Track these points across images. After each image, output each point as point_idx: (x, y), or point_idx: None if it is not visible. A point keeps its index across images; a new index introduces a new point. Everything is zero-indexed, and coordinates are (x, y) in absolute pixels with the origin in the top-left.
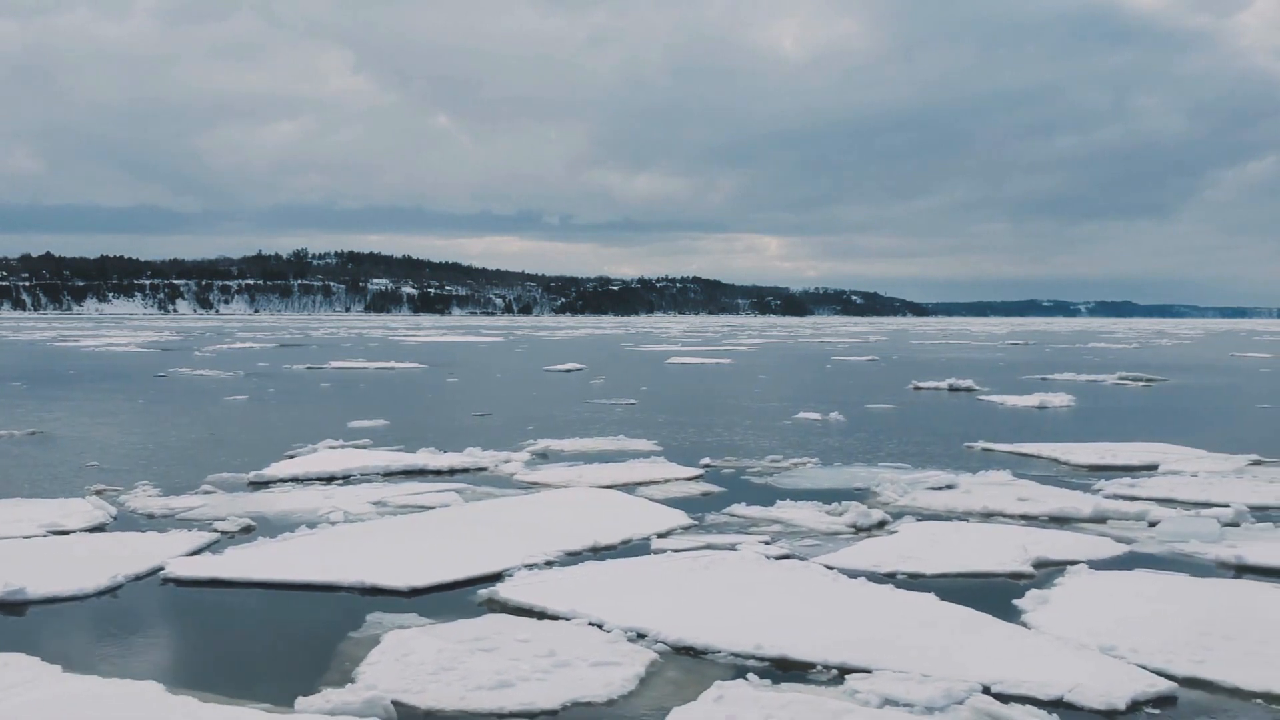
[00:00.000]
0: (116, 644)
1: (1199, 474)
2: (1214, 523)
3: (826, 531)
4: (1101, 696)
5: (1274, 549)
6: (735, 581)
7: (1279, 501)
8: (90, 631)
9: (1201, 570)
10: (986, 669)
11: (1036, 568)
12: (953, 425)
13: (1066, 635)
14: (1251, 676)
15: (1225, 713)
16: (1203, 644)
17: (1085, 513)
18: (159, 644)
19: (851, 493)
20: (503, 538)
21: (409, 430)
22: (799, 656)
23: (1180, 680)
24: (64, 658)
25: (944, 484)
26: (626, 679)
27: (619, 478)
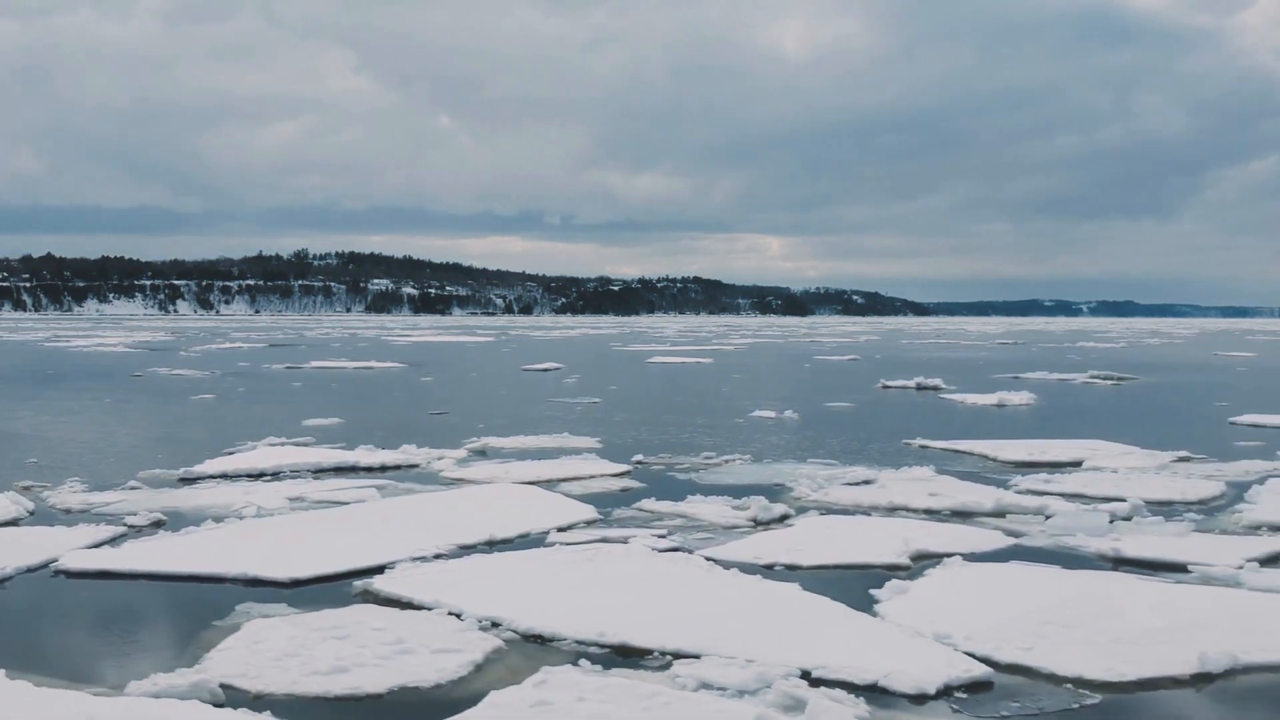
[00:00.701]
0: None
1: (1119, 470)
2: (1104, 517)
3: (726, 525)
4: (914, 681)
5: (1151, 542)
6: (609, 573)
7: (1182, 496)
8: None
9: (1075, 562)
10: (815, 655)
11: (914, 560)
12: (902, 423)
13: (908, 624)
14: (1072, 663)
15: (1031, 696)
16: (1040, 632)
17: (987, 507)
18: (21, 632)
19: (768, 488)
20: (401, 532)
21: (360, 428)
22: (639, 643)
23: (1002, 666)
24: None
25: (862, 480)
26: (461, 665)
27: (545, 474)
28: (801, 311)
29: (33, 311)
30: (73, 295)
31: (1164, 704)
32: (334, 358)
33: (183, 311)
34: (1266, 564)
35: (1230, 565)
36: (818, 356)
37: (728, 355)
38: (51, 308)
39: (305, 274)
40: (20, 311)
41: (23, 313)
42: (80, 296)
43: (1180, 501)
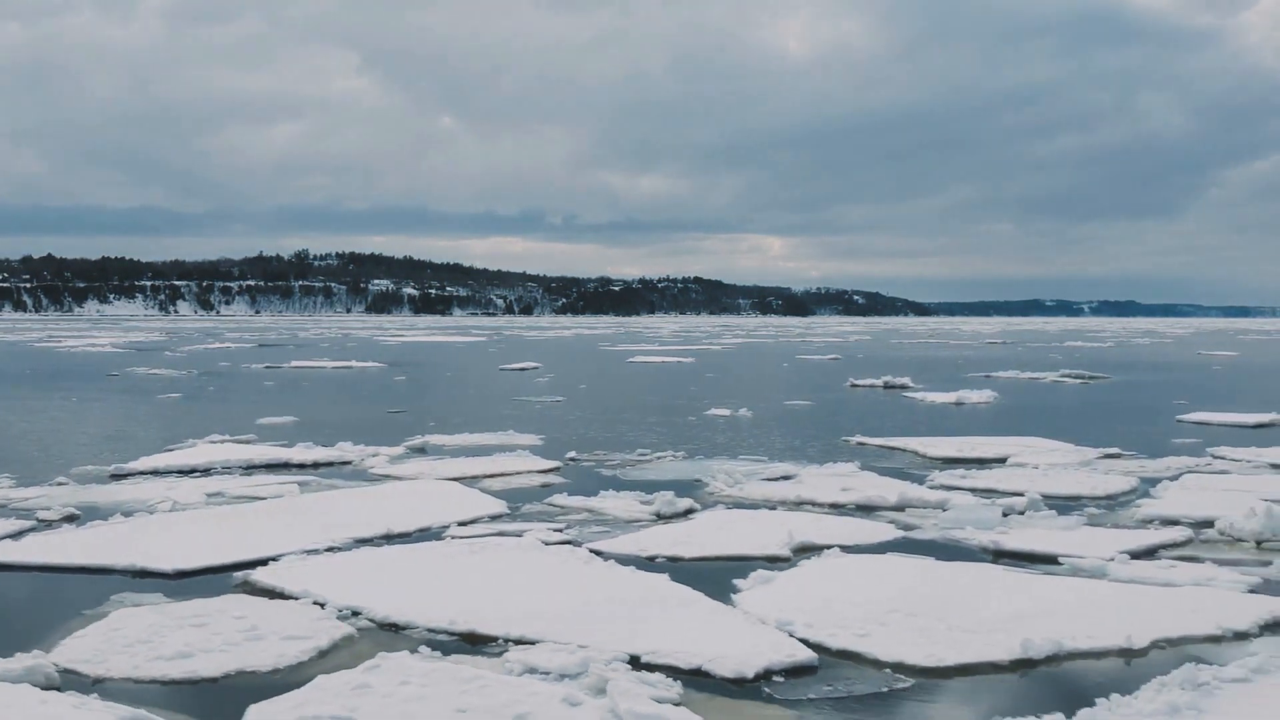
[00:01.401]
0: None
1: (1039, 466)
2: (999, 511)
3: (627, 519)
4: (735, 665)
5: (1034, 535)
6: (485, 566)
7: (1091, 491)
8: None
9: (953, 554)
10: (650, 641)
11: (795, 552)
12: (851, 420)
13: (757, 612)
14: (900, 649)
15: (845, 680)
16: (883, 619)
17: (891, 501)
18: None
19: (686, 483)
20: (302, 526)
21: (311, 426)
22: (485, 631)
23: (831, 651)
24: None
25: (781, 475)
26: (303, 651)
27: (471, 471)
28: (802, 312)
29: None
30: (73, 296)
31: (967, 687)
32: (317, 358)
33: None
34: (1138, 556)
35: (1101, 557)
36: (799, 356)
37: (712, 355)
38: (52, 308)
39: (306, 275)
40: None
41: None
42: (80, 297)
43: (1087, 496)
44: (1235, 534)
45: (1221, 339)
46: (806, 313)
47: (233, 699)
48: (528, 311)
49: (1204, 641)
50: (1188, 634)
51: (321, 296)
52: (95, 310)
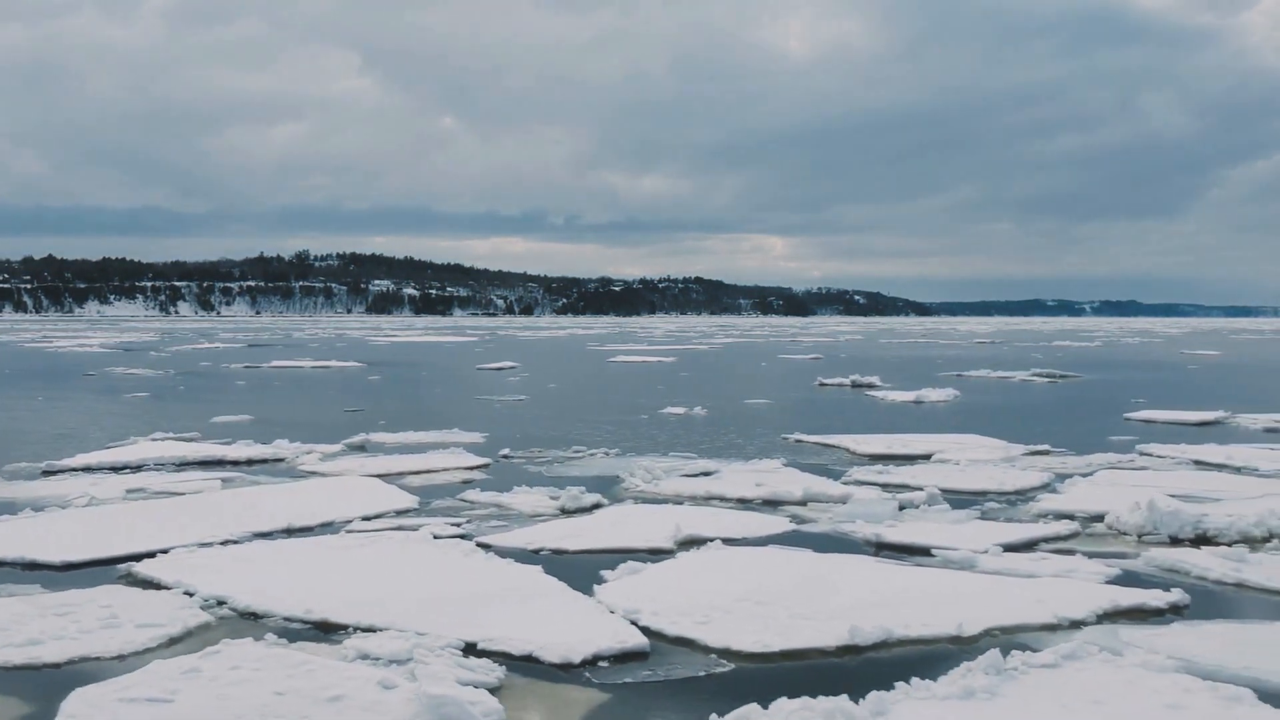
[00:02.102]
0: None
1: (960, 462)
2: (894, 505)
3: (531, 514)
4: (562, 652)
5: (919, 528)
6: (365, 558)
7: (999, 487)
8: None
9: (835, 546)
10: (489, 629)
11: (679, 544)
12: (802, 419)
13: (610, 602)
14: (732, 636)
15: (668, 666)
16: (728, 609)
17: (796, 496)
18: None
19: (604, 479)
20: (204, 520)
21: (263, 424)
22: (338, 619)
23: (668, 638)
24: None
25: (700, 471)
26: (153, 638)
27: (400, 468)
28: (803, 312)
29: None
30: (73, 297)
31: (780, 671)
32: (300, 358)
33: (183, 313)
34: (1014, 549)
35: (974, 550)
36: (781, 355)
37: (696, 355)
38: (52, 309)
39: (306, 275)
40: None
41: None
42: (81, 298)
43: (995, 492)
44: (1120, 528)
45: (1212, 339)
46: (807, 313)
47: (66, 684)
48: (528, 312)
49: (1037, 630)
50: (1023, 623)
51: (322, 297)
52: (96, 311)
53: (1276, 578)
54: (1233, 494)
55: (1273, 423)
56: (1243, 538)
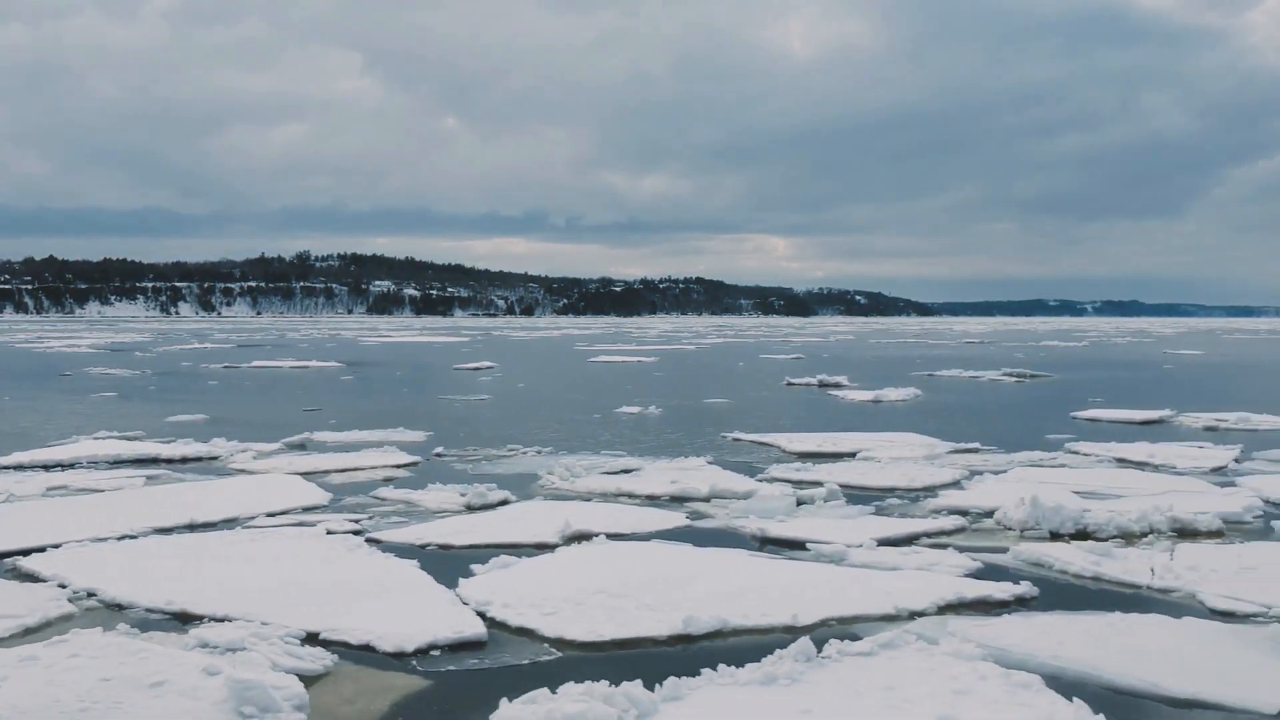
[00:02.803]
0: None
1: (882, 460)
2: (792, 501)
3: (435, 510)
4: (398, 641)
5: (806, 524)
6: (250, 553)
7: (909, 484)
8: None
9: (719, 540)
10: (339, 619)
11: (565, 540)
12: (751, 418)
13: (468, 595)
14: (568, 626)
15: (497, 654)
16: (579, 600)
17: (703, 493)
18: None
19: (526, 477)
20: (109, 516)
21: (215, 424)
22: (195, 610)
23: (510, 629)
24: None
25: (621, 469)
26: (7, 629)
27: (327, 465)
28: (804, 312)
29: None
30: (74, 297)
31: (603, 658)
32: (284, 358)
33: (184, 313)
34: (893, 543)
35: (849, 544)
36: (763, 355)
37: (679, 355)
38: (53, 310)
39: (307, 276)
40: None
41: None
42: (82, 299)
43: (902, 488)
44: (1006, 523)
45: (1203, 339)
46: (808, 313)
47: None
48: (528, 312)
49: (875, 620)
50: (863, 613)
51: (323, 297)
52: (96, 312)
53: (1132, 571)
54: (1135, 490)
55: (1213, 421)
56: (1120, 533)
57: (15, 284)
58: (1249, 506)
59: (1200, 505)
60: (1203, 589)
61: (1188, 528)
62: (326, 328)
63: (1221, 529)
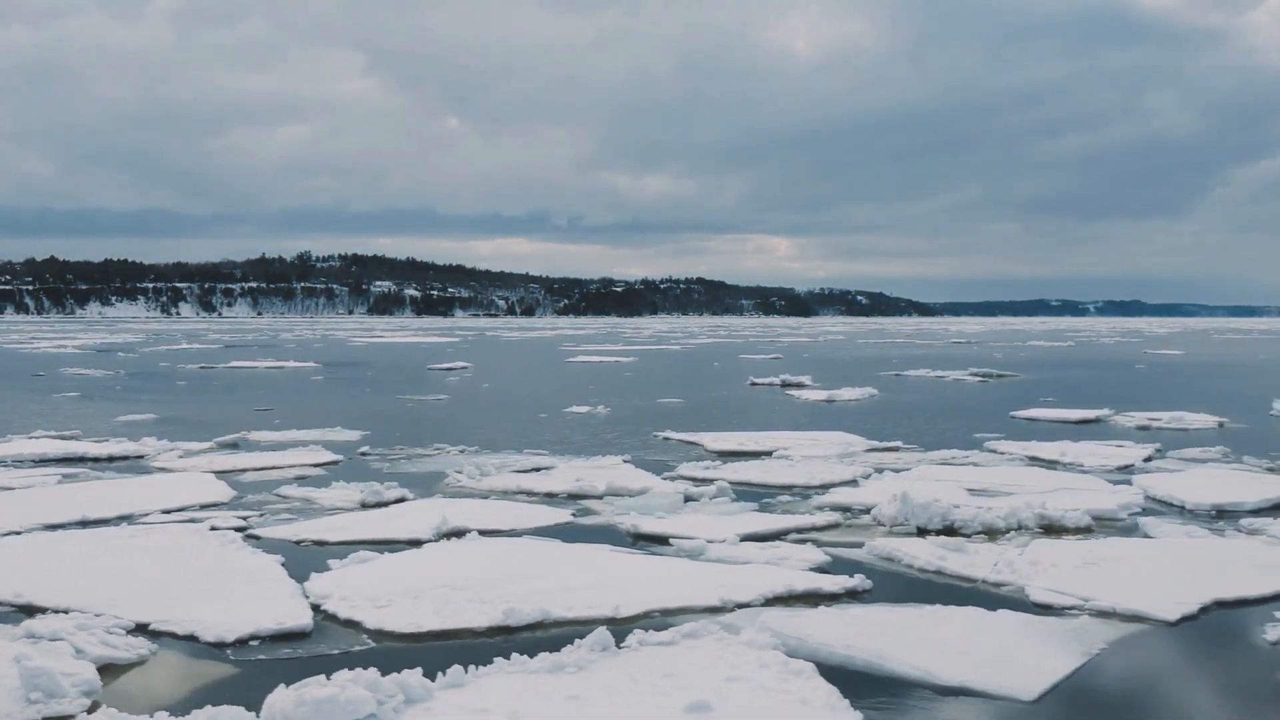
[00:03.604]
0: None
1: (795, 458)
2: (679, 498)
3: (329, 508)
4: (220, 631)
5: (679, 521)
6: (121, 547)
7: (807, 481)
8: None
9: (589, 537)
10: (174, 611)
11: (440, 536)
12: (693, 418)
13: (315, 588)
14: (394, 618)
15: (319, 644)
16: (418, 594)
17: (599, 490)
18: None
19: (435, 476)
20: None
21: (159, 423)
22: (40, 602)
23: (339, 621)
24: None
25: (532, 467)
26: None
27: (246, 464)
28: (805, 312)
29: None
30: (75, 298)
31: (415, 648)
32: (264, 358)
33: (185, 314)
34: (752, 539)
35: (711, 540)
36: (742, 355)
37: (662, 355)
38: (54, 311)
39: (308, 276)
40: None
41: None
42: (82, 299)
43: (800, 485)
44: (880, 519)
45: (1193, 339)
46: (809, 313)
47: None
48: (529, 313)
49: (698, 612)
50: (687, 605)
51: (324, 298)
52: (97, 312)
53: (974, 566)
54: (1026, 488)
55: (1146, 420)
56: (985, 529)
57: (16, 284)
58: (1126, 504)
59: (1076, 503)
60: (1034, 583)
61: (1055, 524)
62: (322, 328)
63: (1090, 526)
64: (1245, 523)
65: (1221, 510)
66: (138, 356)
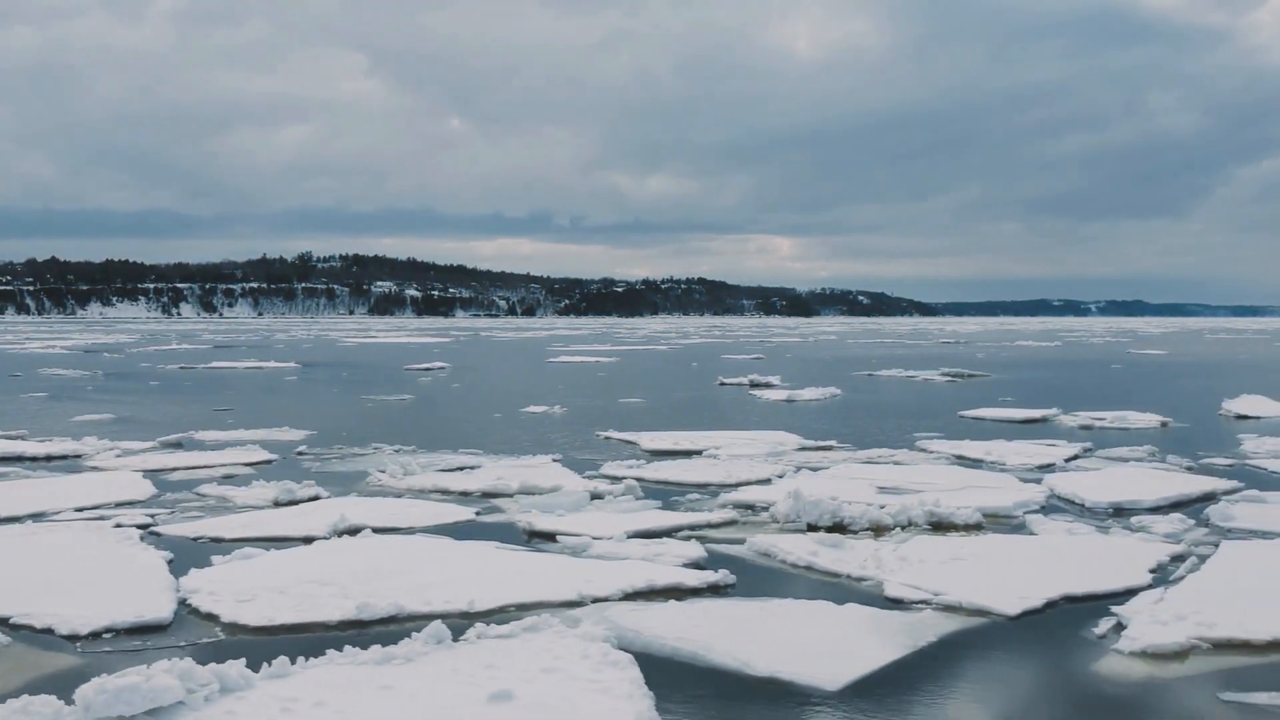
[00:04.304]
0: None
1: (722, 457)
2: (585, 496)
3: (241, 506)
4: (74, 625)
5: (576, 519)
6: (20, 544)
7: (725, 479)
8: None
9: (485, 534)
10: (47, 604)
11: (336, 533)
12: (646, 418)
13: (189, 583)
14: (248, 612)
15: (169, 636)
16: (285, 589)
17: (513, 488)
18: None
19: (359, 475)
20: None
21: (115, 423)
22: None
23: (201, 615)
24: None
25: (457, 466)
26: None
27: (178, 463)
28: (806, 312)
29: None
30: (76, 299)
31: (260, 641)
32: (248, 359)
33: (186, 314)
34: (641, 536)
35: (598, 537)
36: (724, 356)
37: (646, 355)
38: (55, 311)
39: (309, 276)
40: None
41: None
42: (83, 300)
43: (715, 484)
44: (776, 516)
45: (1183, 338)
46: (810, 313)
47: None
48: (530, 313)
49: (555, 606)
50: (545, 600)
51: (324, 298)
52: (98, 313)
53: (842, 561)
54: (934, 486)
55: (1090, 420)
56: (872, 526)
57: (17, 285)
58: (1024, 502)
59: (975, 500)
60: (893, 578)
61: (944, 521)
62: (319, 329)
63: (980, 523)
64: (1136, 520)
65: (1119, 508)
66: (123, 357)
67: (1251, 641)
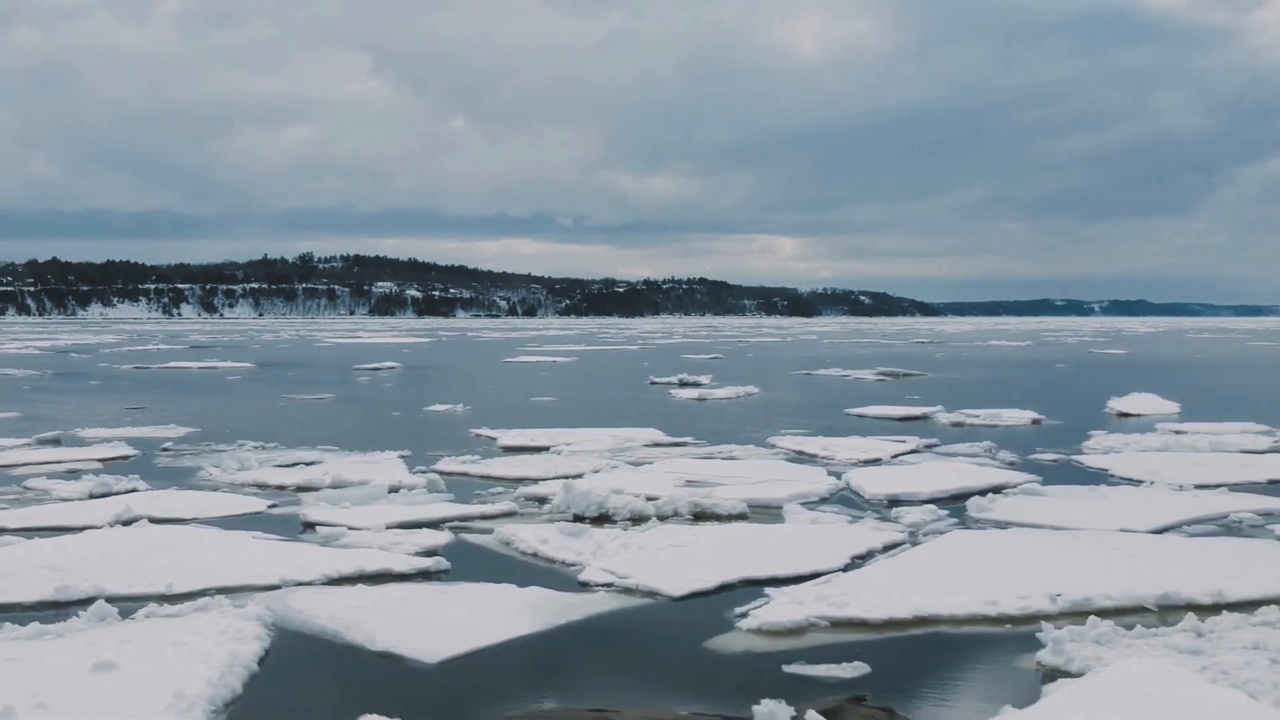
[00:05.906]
0: None
1: (563, 452)
2: (383, 490)
3: (61, 498)
4: None
5: (352, 512)
6: None
7: (540, 474)
8: None
9: (265, 526)
10: None
11: (114, 523)
12: (541, 416)
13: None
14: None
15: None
16: (25, 568)
17: (327, 482)
18: None
19: (195, 470)
20: None
21: (18, 421)
22: None
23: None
24: None
25: (296, 461)
26: None
27: (33, 459)
28: (807, 312)
29: (36, 316)
30: (77, 299)
31: None
32: (210, 359)
33: (186, 315)
34: (409, 527)
35: (356, 527)
36: (684, 355)
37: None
38: (56, 312)
39: (310, 277)
40: (25, 316)
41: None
42: (84, 301)
43: (530, 478)
44: (554, 506)
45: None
46: (812, 313)
47: None
48: (530, 313)
49: (256, 590)
50: (247, 583)
51: (325, 299)
52: (99, 314)
53: (568, 549)
54: (740, 479)
55: (962, 418)
56: (633, 516)
57: (18, 286)
58: (804, 494)
59: (760, 493)
60: (595, 564)
61: (707, 512)
62: (310, 329)
63: (745, 513)
64: (896, 511)
65: (895, 500)
66: (89, 358)
67: (868, 621)
